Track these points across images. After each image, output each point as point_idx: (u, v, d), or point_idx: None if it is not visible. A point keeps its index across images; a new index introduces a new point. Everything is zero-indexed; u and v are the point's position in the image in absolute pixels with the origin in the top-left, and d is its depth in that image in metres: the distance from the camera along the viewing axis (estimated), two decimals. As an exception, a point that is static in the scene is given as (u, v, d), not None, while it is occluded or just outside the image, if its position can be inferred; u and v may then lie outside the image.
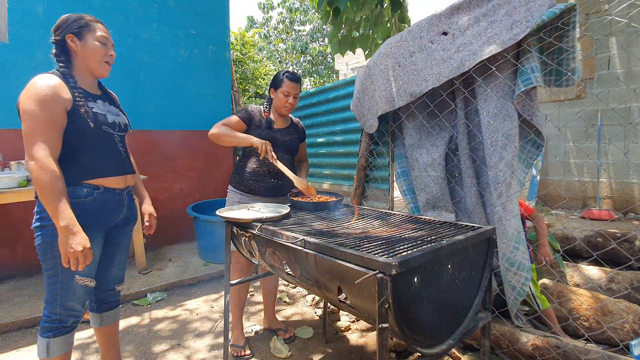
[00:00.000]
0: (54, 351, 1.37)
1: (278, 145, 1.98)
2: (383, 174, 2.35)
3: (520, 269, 1.62)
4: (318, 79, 16.15)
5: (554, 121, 4.48)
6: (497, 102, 1.63)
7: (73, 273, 1.35)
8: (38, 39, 3.20)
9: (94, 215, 1.40)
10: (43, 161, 1.23)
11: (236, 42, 7.75)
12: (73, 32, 1.37)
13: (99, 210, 1.42)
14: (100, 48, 1.41)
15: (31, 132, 1.24)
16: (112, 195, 1.46)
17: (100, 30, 1.42)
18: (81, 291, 1.41)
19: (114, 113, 1.51)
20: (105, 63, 1.45)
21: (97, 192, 1.40)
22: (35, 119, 1.25)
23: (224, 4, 4.39)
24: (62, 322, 1.38)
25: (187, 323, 2.40)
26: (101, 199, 1.42)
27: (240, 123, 1.96)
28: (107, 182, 1.44)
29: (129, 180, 1.54)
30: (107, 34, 1.46)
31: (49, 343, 1.36)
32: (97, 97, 1.47)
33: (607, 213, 3.72)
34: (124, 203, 1.53)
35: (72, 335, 1.44)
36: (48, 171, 1.23)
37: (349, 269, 1.02)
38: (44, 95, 1.26)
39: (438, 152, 1.92)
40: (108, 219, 1.48)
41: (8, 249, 3.11)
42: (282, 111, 2.02)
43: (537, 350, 1.52)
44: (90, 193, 1.38)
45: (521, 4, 1.47)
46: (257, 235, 1.44)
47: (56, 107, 1.28)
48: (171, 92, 4.00)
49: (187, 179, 4.16)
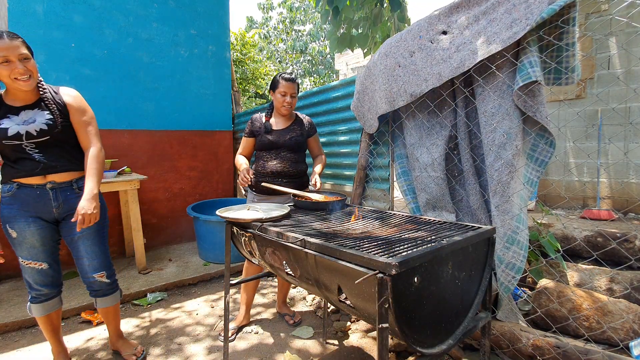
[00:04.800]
0: (32, 312, 1.77)
1: (279, 146, 2.13)
2: (383, 174, 2.34)
3: (508, 268, 1.63)
4: (318, 79, 16.15)
5: (554, 121, 4.47)
6: (495, 101, 1.63)
7: (19, 255, 1.69)
8: (38, 39, 3.20)
9: (20, 207, 1.65)
10: None
11: (236, 42, 7.75)
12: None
13: (22, 202, 1.65)
14: (4, 70, 1.50)
15: None
16: (30, 190, 1.66)
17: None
18: (32, 272, 1.71)
19: (28, 122, 1.60)
20: (15, 79, 1.52)
21: (15, 187, 1.65)
22: None
23: (224, 4, 4.39)
24: (29, 293, 1.76)
25: (187, 323, 2.40)
26: (20, 193, 1.65)
27: (248, 140, 2.23)
28: (23, 180, 1.65)
29: (50, 177, 1.68)
30: (7, 51, 1.48)
31: (29, 305, 1.77)
32: (22, 108, 1.61)
33: (607, 213, 3.72)
34: (50, 197, 1.69)
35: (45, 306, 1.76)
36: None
37: (349, 269, 1.02)
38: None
39: (438, 151, 1.91)
40: (38, 210, 1.68)
41: (8, 249, 3.10)
42: (281, 111, 2.16)
43: (537, 350, 1.52)
44: (11, 188, 1.66)
45: (520, 1, 1.47)
46: (257, 235, 1.44)
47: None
48: (171, 92, 4.00)
49: (187, 179, 4.16)
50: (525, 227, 1.64)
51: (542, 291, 1.92)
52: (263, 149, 2.17)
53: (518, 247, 1.62)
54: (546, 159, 1.65)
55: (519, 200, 1.64)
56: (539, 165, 1.66)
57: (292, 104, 2.13)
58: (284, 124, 2.20)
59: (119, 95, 3.63)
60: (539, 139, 1.65)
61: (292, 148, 2.16)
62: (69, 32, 3.35)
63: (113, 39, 3.59)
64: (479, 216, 1.80)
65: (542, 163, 1.65)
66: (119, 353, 2.01)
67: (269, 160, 2.15)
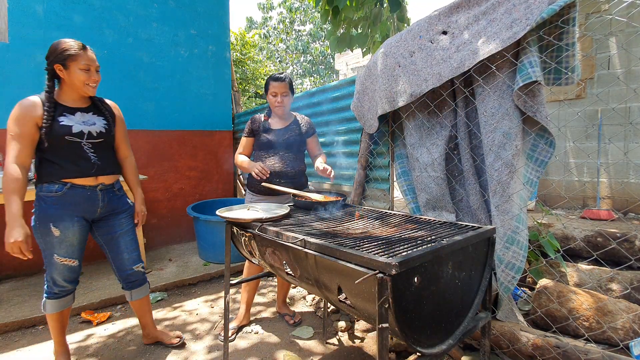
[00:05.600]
0: (47, 309, 1.79)
1: (277, 145, 2.15)
2: (383, 174, 2.34)
3: (508, 268, 1.63)
4: (318, 79, 16.16)
5: (554, 121, 4.47)
6: (495, 101, 1.62)
7: (52, 251, 1.69)
8: (38, 39, 3.20)
9: (67, 207, 1.69)
10: (9, 166, 1.57)
11: (236, 42, 7.75)
12: (60, 62, 1.63)
13: (71, 203, 1.69)
14: (84, 75, 1.66)
15: (6, 143, 1.60)
16: (82, 191, 1.72)
17: (84, 59, 1.65)
18: (63, 268, 1.73)
19: (89, 123, 1.73)
20: (88, 85, 1.69)
21: (66, 188, 1.68)
22: (9, 133, 1.59)
23: (224, 4, 4.39)
24: (50, 289, 1.77)
25: (187, 323, 2.40)
26: (71, 194, 1.69)
27: (247, 140, 2.23)
28: (76, 181, 1.70)
29: (101, 179, 1.78)
30: (90, 61, 1.68)
31: (44, 302, 1.79)
32: (77, 109, 1.72)
33: (607, 213, 3.72)
34: (99, 198, 1.78)
35: (62, 302, 1.80)
36: (9, 174, 1.56)
37: (349, 269, 1.02)
38: (17, 115, 1.60)
39: (438, 151, 1.91)
40: (85, 211, 1.75)
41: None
42: (276, 111, 2.19)
43: (537, 350, 1.52)
44: (60, 188, 1.67)
45: (521, 1, 1.47)
46: (257, 235, 1.44)
47: (26, 123, 1.59)
48: (171, 92, 4.00)
49: (187, 179, 4.16)
50: (525, 227, 1.64)
51: (542, 291, 1.92)
52: (261, 148, 2.19)
53: (518, 247, 1.62)
54: (546, 159, 1.64)
55: (518, 200, 1.64)
56: (538, 166, 1.66)
57: (284, 102, 2.14)
58: (282, 123, 2.22)
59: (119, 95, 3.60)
60: (538, 139, 1.65)
61: (290, 148, 2.17)
62: (69, 32, 3.35)
63: (113, 39, 3.59)
64: (479, 216, 1.80)
65: (542, 163, 1.65)
66: (159, 343, 2.11)
67: (267, 160, 2.16)
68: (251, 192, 2.24)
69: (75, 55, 1.63)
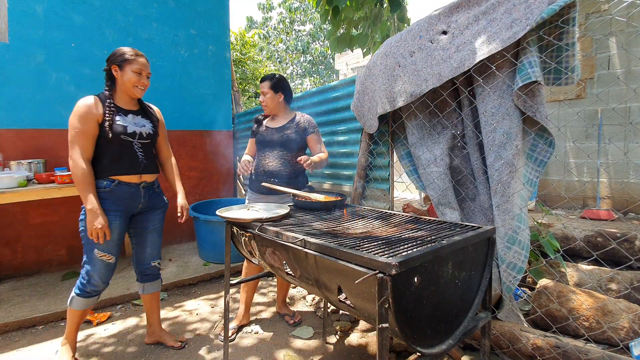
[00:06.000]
0: (74, 305, 1.83)
1: (272, 144, 2.17)
2: (383, 174, 2.34)
3: (509, 268, 1.63)
4: (318, 79, 16.16)
5: (554, 121, 4.47)
6: (495, 101, 1.63)
7: (93, 246, 1.76)
8: (38, 39, 3.20)
9: (112, 202, 1.80)
10: (76, 161, 1.70)
11: (236, 42, 7.75)
12: (117, 63, 1.79)
13: (116, 199, 1.81)
14: (135, 77, 1.82)
15: (71, 139, 1.71)
16: (127, 188, 1.84)
17: (137, 63, 1.82)
18: (100, 265, 1.80)
19: (139, 124, 1.88)
20: (137, 87, 1.84)
21: (114, 185, 1.81)
22: (73, 130, 1.71)
23: (224, 4, 4.39)
24: (83, 286, 1.81)
25: (187, 323, 2.40)
26: (117, 190, 1.81)
27: (251, 141, 2.31)
28: (122, 178, 1.82)
29: (144, 177, 1.91)
30: (143, 66, 1.84)
31: (73, 297, 1.83)
32: (129, 111, 1.87)
33: (607, 213, 3.72)
34: (141, 194, 1.89)
35: (90, 301, 1.84)
36: (79, 168, 1.70)
37: (349, 269, 1.02)
38: (80, 112, 1.72)
39: (440, 148, 1.91)
40: (127, 207, 1.86)
41: (8, 249, 3.11)
42: (265, 110, 2.23)
43: (537, 350, 1.52)
44: (109, 185, 1.80)
45: (521, 1, 1.47)
46: (257, 235, 1.44)
47: (89, 121, 1.72)
48: (171, 92, 4.00)
49: (187, 179, 4.16)
50: (527, 227, 1.64)
51: (542, 291, 1.92)
52: (258, 148, 2.23)
53: (519, 247, 1.62)
54: (545, 159, 1.65)
55: (519, 200, 1.64)
56: (538, 165, 1.66)
57: (266, 102, 2.18)
58: (280, 122, 2.23)
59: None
60: (538, 139, 1.65)
61: (285, 146, 2.16)
62: (69, 32, 3.35)
63: (113, 39, 3.59)
64: (489, 215, 1.79)
65: (542, 163, 1.65)
66: (160, 343, 2.13)
67: (264, 159, 2.18)
68: (251, 191, 2.27)
69: (130, 59, 1.80)
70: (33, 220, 3.21)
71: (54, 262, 3.32)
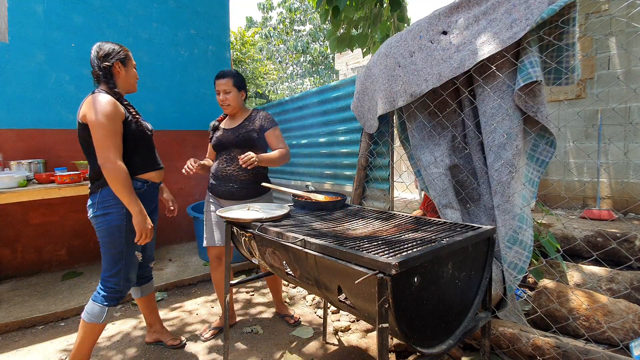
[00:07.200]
0: (106, 318, 1.69)
1: (228, 145, 2.07)
2: (383, 174, 2.34)
3: (510, 268, 1.63)
4: (318, 79, 16.16)
5: (554, 121, 4.47)
6: (496, 101, 1.63)
7: (134, 248, 1.73)
8: (38, 39, 3.20)
9: (145, 203, 1.74)
10: (117, 163, 1.60)
11: (236, 41, 7.75)
12: (120, 60, 1.77)
13: (147, 199, 1.79)
14: (136, 73, 1.85)
15: (103, 141, 1.59)
16: (154, 189, 1.87)
17: (132, 58, 1.85)
18: (136, 265, 1.79)
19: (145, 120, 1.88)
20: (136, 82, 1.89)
21: (147, 185, 1.80)
22: (105, 129, 1.60)
23: (224, 4, 4.39)
24: (121, 293, 1.72)
25: (187, 323, 2.40)
26: (149, 190, 1.82)
27: (210, 145, 2.20)
28: (152, 177, 1.83)
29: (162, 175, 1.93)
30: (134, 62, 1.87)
31: (107, 310, 1.68)
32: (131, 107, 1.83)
33: (607, 213, 3.72)
34: (156, 193, 1.92)
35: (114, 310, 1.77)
36: (122, 171, 1.61)
37: (349, 269, 1.02)
38: (109, 111, 1.62)
39: (440, 150, 1.91)
40: (150, 206, 1.84)
41: (8, 249, 3.11)
42: (224, 110, 2.12)
43: (537, 350, 1.52)
44: (142, 186, 1.78)
45: (521, 1, 1.47)
46: (257, 236, 1.44)
47: (117, 120, 1.65)
48: (171, 92, 4.00)
49: (187, 179, 4.16)
50: (530, 227, 1.64)
51: (542, 291, 1.92)
52: (216, 150, 2.12)
53: (521, 247, 1.62)
54: (547, 159, 1.65)
55: (520, 200, 1.64)
56: (539, 165, 1.66)
57: (228, 100, 2.04)
58: (234, 123, 2.11)
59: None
60: (539, 139, 1.65)
61: (241, 145, 2.03)
62: (69, 32, 3.35)
63: (113, 39, 3.59)
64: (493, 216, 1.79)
65: (543, 163, 1.66)
66: (159, 343, 2.13)
67: (220, 162, 2.08)
68: (209, 193, 2.17)
69: (129, 55, 1.83)
70: (33, 220, 3.21)
71: (54, 262, 3.32)
